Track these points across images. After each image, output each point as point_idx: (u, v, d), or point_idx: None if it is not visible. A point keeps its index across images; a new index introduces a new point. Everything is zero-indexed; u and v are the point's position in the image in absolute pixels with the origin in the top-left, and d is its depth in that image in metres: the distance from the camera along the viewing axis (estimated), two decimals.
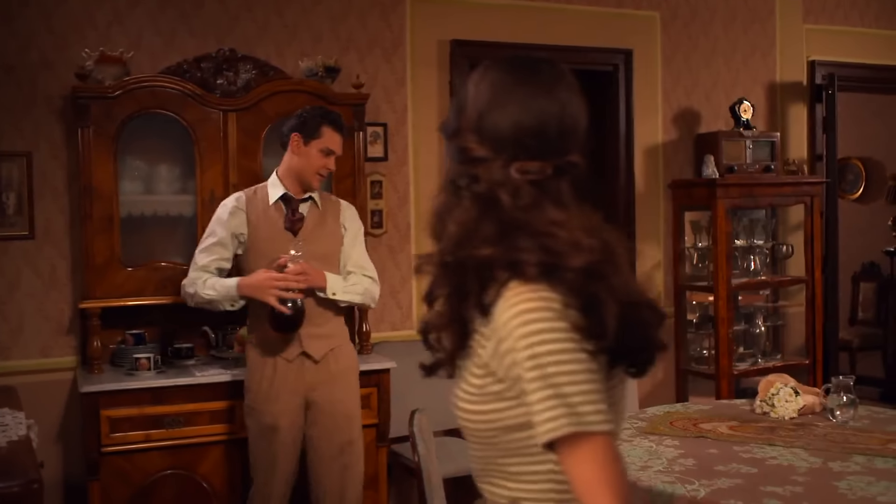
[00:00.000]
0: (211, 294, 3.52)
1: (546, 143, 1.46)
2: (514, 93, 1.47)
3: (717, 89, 5.58)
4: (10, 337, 4.02)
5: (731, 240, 5.18)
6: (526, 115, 1.45)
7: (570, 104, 1.49)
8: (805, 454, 2.92)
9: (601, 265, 1.38)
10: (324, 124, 3.53)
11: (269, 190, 3.57)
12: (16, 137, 4.00)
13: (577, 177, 1.48)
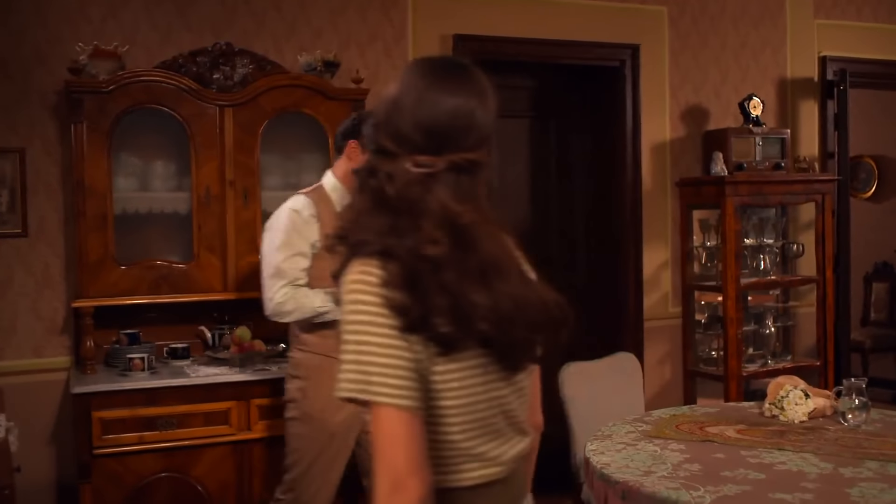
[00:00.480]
0: (327, 306, 3.26)
1: (441, 139, 1.53)
2: (417, 92, 1.55)
3: (727, 86, 5.48)
4: (2, 337, 3.95)
5: (740, 239, 5.07)
6: (423, 113, 1.54)
7: (470, 105, 1.55)
8: (815, 459, 2.82)
9: (445, 258, 1.47)
10: None
11: (333, 195, 3.38)
12: (9, 133, 3.93)
13: (476, 173, 1.56)
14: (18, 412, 3.92)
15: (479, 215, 1.54)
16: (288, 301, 3.29)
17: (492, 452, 1.58)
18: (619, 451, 2.96)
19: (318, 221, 3.31)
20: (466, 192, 1.54)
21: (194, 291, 3.89)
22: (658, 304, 5.32)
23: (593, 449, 3.00)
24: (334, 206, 3.34)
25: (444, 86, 1.56)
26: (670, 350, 5.36)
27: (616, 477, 2.70)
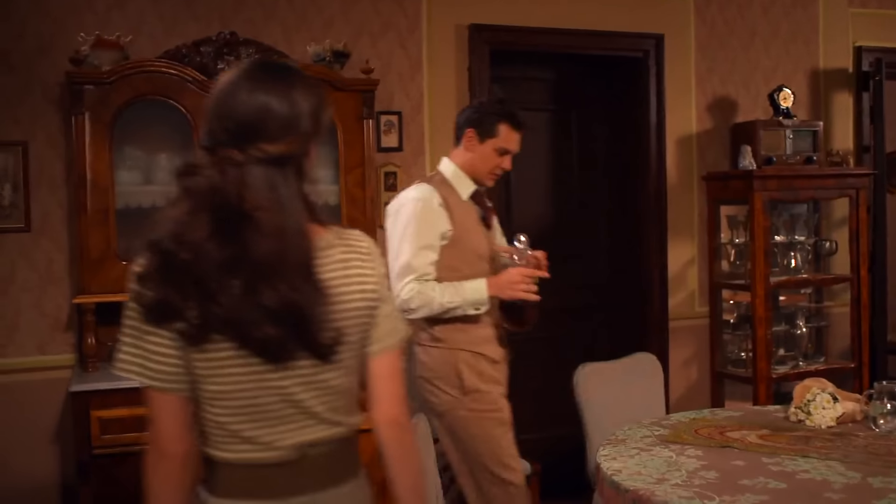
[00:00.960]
0: (455, 301, 3.11)
1: (242, 134, 1.61)
2: (224, 90, 1.65)
3: (756, 77, 5.27)
4: (5, 334, 3.87)
5: (769, 235, 4.87)
6: (226, 109, 1.63)
7: (269, 101, 1.62)
8: (842, 468, 2.64)
9: (208, 252, 1.54)
10: (500, 122, 3.24)
11: (455, 182, 3.27)
12: (11, 126, 3.85)
13: (284, 165, 1.61)
14: (22, 410, 3.86)
15: (274, 211, 1.58)
16: (414, 297, 3.09)
17: (265, 437, 1.65)
18: (633, 456, 2.80)
19: (447, 209, 3.18)
20: (271, 185, 1.59)
21: None
22: (684, 303, 5.14)
23: (605, 454, 2.84)
24: (458, 193, 3.25)
25: (247, 84, 1.63)
26: (697, 351, 5.17)
27: (626, 484, 2.55)
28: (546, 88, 5.12)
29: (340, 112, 3.95)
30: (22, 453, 3.87)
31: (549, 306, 3.40)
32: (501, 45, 4.65)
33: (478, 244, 3.25)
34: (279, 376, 1.62)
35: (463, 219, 3.23)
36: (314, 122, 1.68)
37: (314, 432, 1.67)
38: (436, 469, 2.90)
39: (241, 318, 1.55)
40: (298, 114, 1.64)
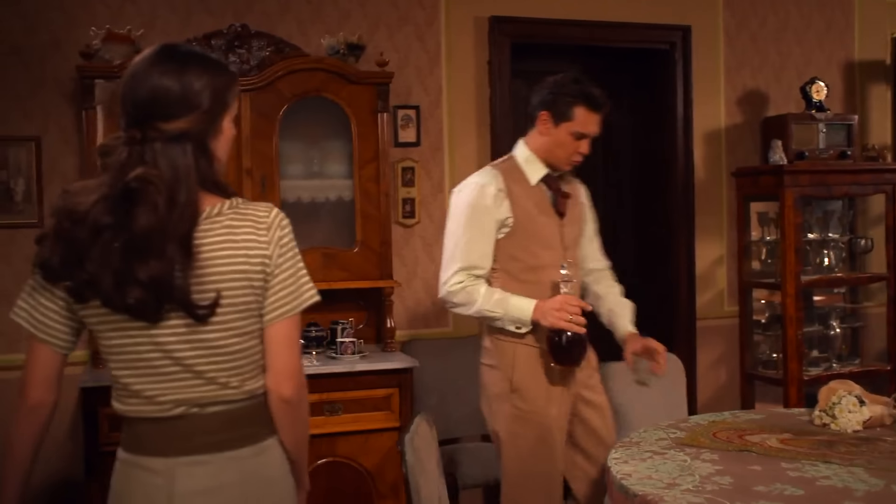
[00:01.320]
0: (496, 312, 2.94)
1: (141, 112, 1.74)
2: (130, 72, 1.79)
3: (788, 69, 5.11)
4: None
5: (800, 232, 4.71)
6: (128, 90, 1.78)
7: (166, 82, 1.73)
8: (865, 474, 2.50)
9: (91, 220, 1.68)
10: (577, 104, 2.97)
11: (526, 167, 3.05)
12: (24, 121, 3.84)
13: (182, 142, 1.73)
14: None
15: (163, 186, 1.69)
16: (459, 293, 2.97)
17: (149, 391, 1.77)
18: (645, 459, 2.69)
19: (508, 197, 2.98)
20: (168, 161, 1.71)
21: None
22: (712, 302, 4.99)
23: (616, 457, 2.73)
24: (527, 179, 3.04)
25: (144, 69, 1.76)
26: (726, 351, 5.03)
27: (635, 489, 2.43)
28: None
29: (354, 105, 3.89)
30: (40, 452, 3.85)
31: None
32: (522, 38, 4.55)
33: (545, 233, 3.04)
34: (157, 332, 1.74)
35: (527, 206, 3.02)
36: (214, 100, 1.77)
37: (198, 391, 1.77)
38: (440, 473, 2.81)
39: (108, 283, 1.68)
40: (191, 93, 1.74)
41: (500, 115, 4.49)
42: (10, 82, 3.82)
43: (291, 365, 1.82)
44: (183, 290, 1.70)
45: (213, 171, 1.80)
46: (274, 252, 1.81)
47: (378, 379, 3.72)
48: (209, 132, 1.78)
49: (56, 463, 3.86)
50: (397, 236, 4.36)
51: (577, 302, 2.92)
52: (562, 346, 2.93)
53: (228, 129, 1.85)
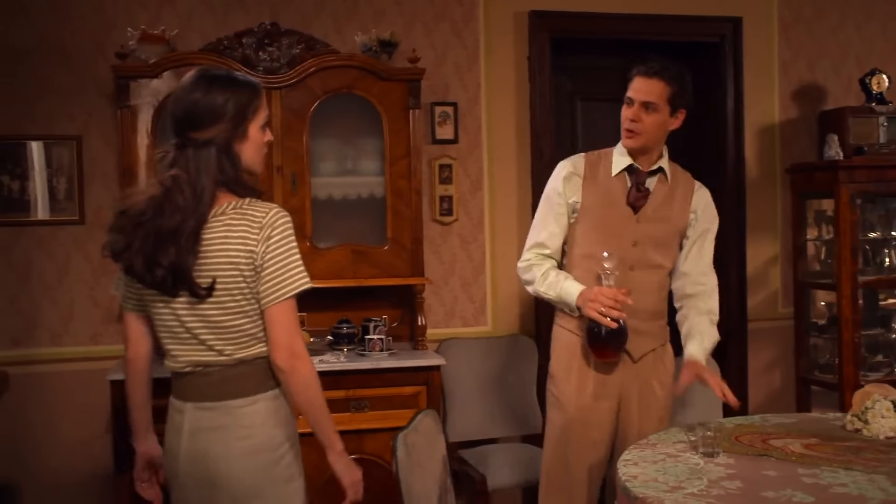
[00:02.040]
0: (549, 294, 3.01)
1: (178, 125, 2.17)
2: (173, 93, 2.26)
3: (848, 61, 4.90)
4: (60, 324, 3.97)
5: (856, 231, 4.50)
6: (167, 110, 2.31)
7: (195, 97, 2.16)
8: (886, 482, 2.36)
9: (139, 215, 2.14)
10: (630, 74, 3.08)
11: (616, 156, 3.05)
12: (66, 121, 3.95)
13: (207, 147, 2.15)
14: (74, 400, 3.95)
15: (187, 188, 2.12)
16: (524, 269, 3.08)
17: (174, 352, 2.25)
18: (657, 462, 2.60)
19: (584, 180, 3.01)
20: (196, 165, 2.14)
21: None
22: (765, 303, 4.82)
23: (628, 458, 2.65)
24: (610, 169, 3.03)
25: (180, 90, 2.19)
26: (780, 355, 4.84)
27: (637, 491, 2.35)
28: (613, 78, 4.86)
29: (385, 102, 3.88)
30: (75, 442, 3.96)
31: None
32: (563, 33, 4.47)
33: (609, 223, 2.99)
34: (175, 305, 2.18)
35: (597, 194, 3.00)
36: (236, 111, 2.17)
37: (202, 355, 2.20)
38: (445, 471, 2.77)
39: (140, 265, 2.13)
40: (215, 106, 2.14)
41: (540, 111, 4.41)
42: (54, 83, 3.94)
43: (282, 340, 2.18)
44: (189, 274, 2.11)
45: (236, 171, 2.18)
46: (261, 248, 2.15)
47: (405, 376, 3.70)
48: (234, 138, 2.17)
49: (95, 457, 3.94)
50: (434, 234, 4.33)
51: (613, 294, 2.85)
52: (599, 336, 2.92)
53: (255, 135, 2.22)
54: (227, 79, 2.20)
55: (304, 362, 2.20)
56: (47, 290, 3.96)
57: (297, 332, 2.20)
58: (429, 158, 4.30)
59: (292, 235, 2.19)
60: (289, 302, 2.17)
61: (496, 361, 4.29)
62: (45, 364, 3.94)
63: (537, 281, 3.02)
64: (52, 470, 3.96)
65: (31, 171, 3.92)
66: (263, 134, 2.25)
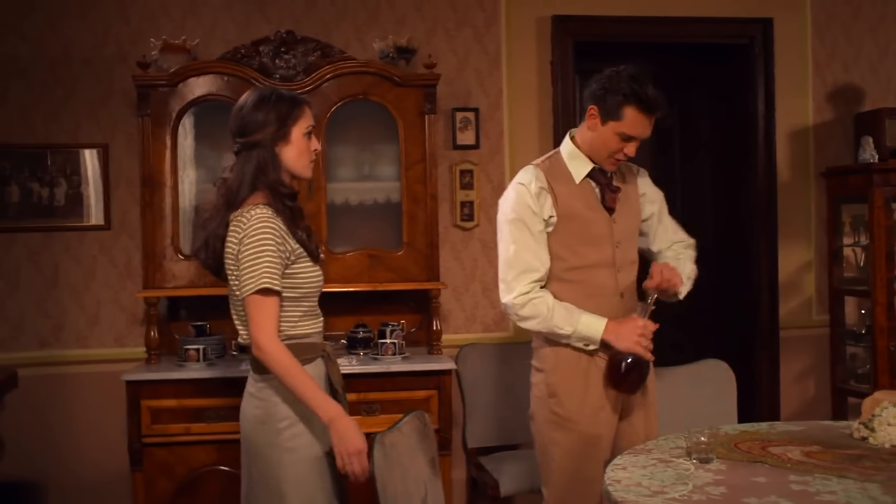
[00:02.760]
0: (565, 330, 2.83)
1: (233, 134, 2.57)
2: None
3: (886, 60, 4.77)
4: (87, 326, 4.09)
5: (892, 236, 4.36)
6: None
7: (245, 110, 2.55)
8: (878, 491, 2.27)
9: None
10: (627, 104, 2.77)
11: (570, 163, 2.91)
12: (93, 129, 4.08)
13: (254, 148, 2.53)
14: (100, 400, 4.05)
15: (225, 188, 2.55)
16: (525, 305, 2.84)
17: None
18: (646, 466, 2.55)
19: (551, 194, 2.85)
20: (240, 164, 2.54)
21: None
22: (799, 310, 4.69)
23: (618, 463, 2.60)
24: (572, 176, 2.89)
25: (238, 103, 2.59)
26: (814, 363, 4.71)
27: (617, 496, 2.31)
28: None
29: (401, 108, 3.91)
30: (100, 441, 4.07)
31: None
32: (587, 37, 4.45)
33: (592, 230, 2.89)
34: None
35: (571, 203, 2.87)
36: (278, 118, 2.51)
37: (241, 330, 2.58)
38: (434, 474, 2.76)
39: (200, 255, 2.61)
40: (259, 114, 2.50)
41: (563, 116, 4.39)
42: (82, 92, 4.07)
43: (251, 332, 2.45)
44: (216, 265, 2.57)
45: (277, 172, 2.52)
46: (237, 248, 2.46)
47: (417, 381, 3.71)
48: (277, 140, 2.51)
49: (118, 456, 4.03)
50: (455, 239, 4.34)
51: (652, 327, 2.84)
52: (626, 371, 2.82)
53: (298, 139, 2.54)
54: (272, 92, 2.57)
55: (266, 354, 2.43)
56: (74, 294, 4.08)
57: (259, 326, 2.42)
58: (450, 164, 4.31)
59: (264, 238, 2.42)
60: (251, 298, 2.42)
61: (516, 367, 4.25)
62: (72, 366, 4.06)
63: (549, 314, 2.82)
64: (79, 469, 4.08)
65: (75, 177, 4.07)
66: (309, 141, 2.57)
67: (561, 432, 2.94)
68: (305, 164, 2.59)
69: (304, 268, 2.55)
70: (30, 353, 4.05)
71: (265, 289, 2.40)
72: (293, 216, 2.56)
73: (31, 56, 4.06)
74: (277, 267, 2.44)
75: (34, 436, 4.05)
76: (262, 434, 2.54)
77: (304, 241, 2.56)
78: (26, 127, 4.06)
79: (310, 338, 2.58)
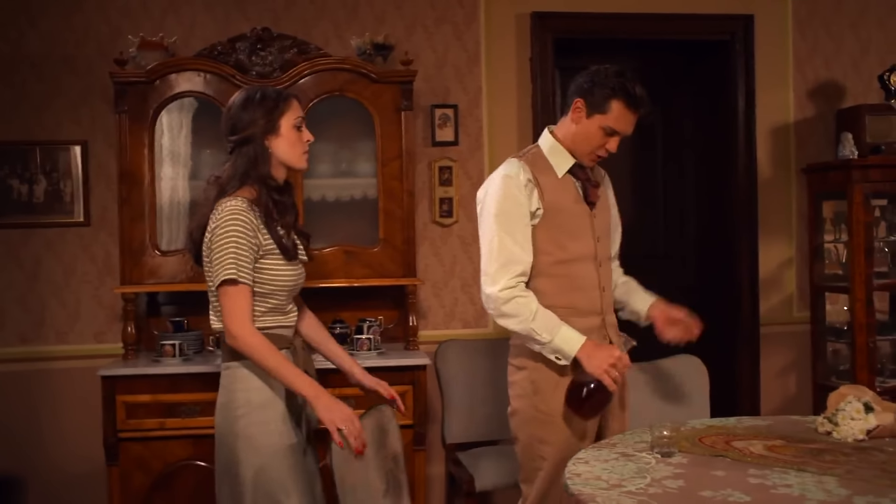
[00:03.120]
0: (543, 337, 2.80)
1: (225, 133, 2.64)
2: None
3: (868, 57, 4.76)
4: (67, 322, 4.11)
5: (870, 232, 4.36)
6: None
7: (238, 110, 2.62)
8: (834, 484, 2.29)
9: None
10: (615, 98, 2.78)
11: (551, 158, 2.90)
12: (73, 127, 4.11)
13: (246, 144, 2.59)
14: (79, 395, 4.08)
15: (213, 186, 2.61)
16: (508, 301, 2.80)
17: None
18: (608, 460, 2.56)
19: (537, 187, 2.83)
20: (232, 161, 2.61)
21: None
22: (779, 307, 4.70)
23: (580, 457, 2.61)
24: (554, 170, 2.88)
25: (227, 105, 2.68)
26: (796, 360, 4.72)
27: (574, 488, 2.33)
28: None
29: (377, 104, 3.93)
30: (79, 436, 4.09)
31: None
32: (567, 34, 4.46)
33: (576, 224, 2.89)
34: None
35: (555, 198, 2.87)
36: (266, 113, 2.57)
37: (212, 321, 2.64)
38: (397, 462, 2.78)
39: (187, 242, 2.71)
40: (247, 112, 2.57)
41: (542, 112, 4.40)
42: (63, 90, 4.10)
43: (224, 321, 2.51)
44: (195, 255, 2.65)
45: (266, 167, 2.57)
46: (210, 238, 2.52)
47: (391, 376, 3.66)
48: (267, 133, 2.57)
49: (85, 450, 4.05)
50: (435, 236, 4.36)
51: (627, 363, 2.82)
52: (587, 395, 2.78)
53: (288, 131, 2.59)
54: (258, 90, 2.64)
55: (239, 341, 2.49)
56: (54, 290, 4.11)
57: (230, 315, 2.48)
58: (429, 160, 4.33)
59: (232, 229, 2.46)
60: (221, 289, 2.49)
61: (496, 364, 4.25)
62: (52, 361, 4.08)
63: (526, 319, 2.79)
64: (58, 463, 4.10)
65: (55, 174, 4.09)
66: (300, 132, 2.62)
67: (548, 429, 2.92)
68: (298, 155, 2.64)
69: (273, 264, 2.56)
70: (10, 349, 4.07)
71: (231, 279, 2.46)
72: (280, 211, 2.59)
73: (11, 54, 4.09)
74: (246, 258, 2.48)
75: (14, 430, 4.08)
76: (222, 420, 2.63)
77: (279, 237, 2.57)
78: (6, 124, 4.08)
79: (270, 331, 2.59)
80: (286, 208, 2.63)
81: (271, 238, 2.56)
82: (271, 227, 2.56)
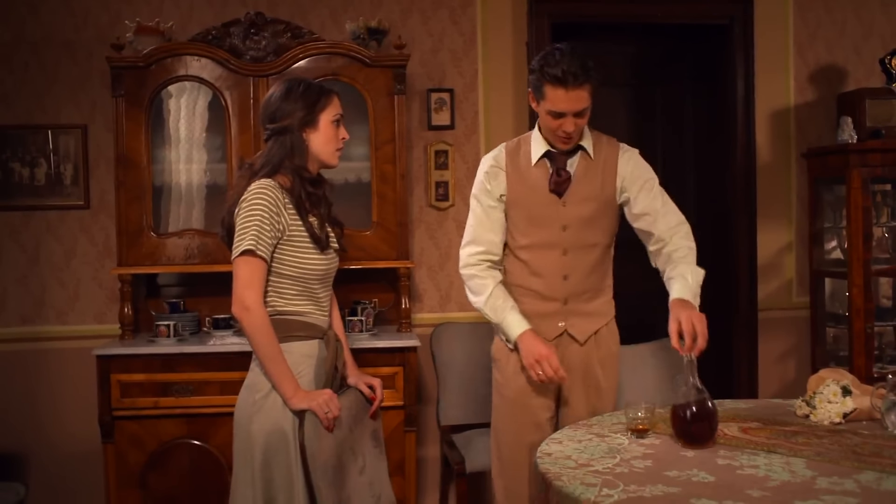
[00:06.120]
0: (492, 318, 3.00)
1: (263, 121, 2.71)
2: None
3: (871, 40, 4.72)
4: (67, 303, 4.18)
5: (868, 216, 4.33)
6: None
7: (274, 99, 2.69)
8: (801, 465, 2.30)
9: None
10: (545, 82, 2.81)
11: (533, 145, 2.97)
12: (73, 111, 4.16)
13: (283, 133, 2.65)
14: (78, 375, 4.15)
15: (254, 168, 2.65)
16: (471, 279, 3.02)
17: None
18: (582, 441, 2.59)
19: (504, 171, 2.96)
20: (266, 151, 2.67)
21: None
22: (778, 292, 4.68)
23: (555, 437, 2.65)
24: (531, 157, 2.96)
25: (270, 92, 2.74)
26: (795, 345, 4.70)
27: (544, 468, 2.36)
28: (625, 63, 4.84)
29: (371, 88, 3.95)
30: (78, 414, 4.16)
31: (631, 292, 3.31)
32: (564, 18, 4.44)
33: (538, 212, 2.95)
34: None
35: (521, 184, 2.96)
36: (305, 106, 2.64)
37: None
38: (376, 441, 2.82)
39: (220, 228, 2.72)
40: (287, 103, 2.63)
41: None
42: (62, 75, 4.16)
43: (236, 292, 2.51)
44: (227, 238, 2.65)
45: (302, 158, 2.62)
46: (237, 212, 2.56)
47: (382, 357, 3.77)
48: (305, 125, 2.63)
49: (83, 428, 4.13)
50: (430, 219, 4.38)
51: (555, 369, 2.86)
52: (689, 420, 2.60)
53: (326, 127, 2.66)
54: (300, 81, 2.69)
55: (251, 314, 2.49)
56: (55, 272, 4.18)
57: (247, 287, 2.49)
58: (425, 144, 4.35)
59: (257, 206, 2.51)
60: (239, 259, 2.52)
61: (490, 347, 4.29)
62: (52, 341, 4.16)
63: (484, 299, 2.98)
64: (57, 441, 4.19)
65: (55, 157, 4.15)
66: (337, 129, 2.69)
67: (496, 396, 3.10)
68: (332, 152, 2.69)
69: (300, 249, 2.60)
70: (11, 329, 4.15)
71: (248, 250, 2.48)
72: (313, 202, 2.64)
73: (12, 40, 4.15)
74: (267, 234, 2.51)
75: (14, 409, 4.17)
76: (242, 402, 2.62)
77: (310, 226, 2.61)
78: (8, 108, 4.15)
79: (303, 316, 2.63)
80: (318, 200, 2.67)
81: (302, 225, 2.59)
82: (303, 214, 2.60)
